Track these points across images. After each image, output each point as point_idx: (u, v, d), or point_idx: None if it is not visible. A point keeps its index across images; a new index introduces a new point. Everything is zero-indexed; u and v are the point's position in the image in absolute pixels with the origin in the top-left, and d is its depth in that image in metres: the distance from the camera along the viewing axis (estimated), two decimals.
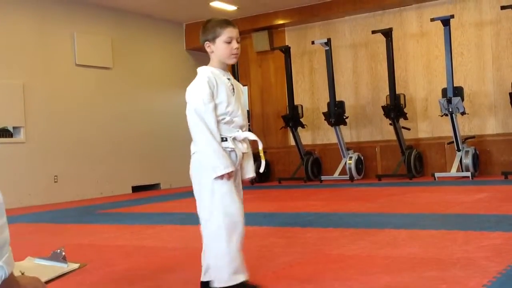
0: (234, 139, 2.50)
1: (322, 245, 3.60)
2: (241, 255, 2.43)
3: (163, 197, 8.57)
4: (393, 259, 3.10)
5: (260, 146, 2.57)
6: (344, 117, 9.83)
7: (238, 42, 2.52)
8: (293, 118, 10.17)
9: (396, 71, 9.56)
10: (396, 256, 3.17)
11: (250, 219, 5.35)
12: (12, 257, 1.49)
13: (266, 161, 2.74)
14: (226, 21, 2.53)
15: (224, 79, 2.55)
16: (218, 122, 2.48)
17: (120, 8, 10.01)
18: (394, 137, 9.59)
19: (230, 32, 2.50)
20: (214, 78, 2.53)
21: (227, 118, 2.50)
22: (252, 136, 2.57)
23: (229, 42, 2.51)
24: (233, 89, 2.57)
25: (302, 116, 10.31)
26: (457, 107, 8.58)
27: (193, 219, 5.64)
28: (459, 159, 8.84)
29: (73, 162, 9.01)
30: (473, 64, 9.49)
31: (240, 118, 2.53)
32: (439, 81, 9.57)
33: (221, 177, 2.40)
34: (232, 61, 2.56)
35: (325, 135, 10.39)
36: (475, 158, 8.94)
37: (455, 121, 8.65)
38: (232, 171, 2.42)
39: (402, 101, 9.45)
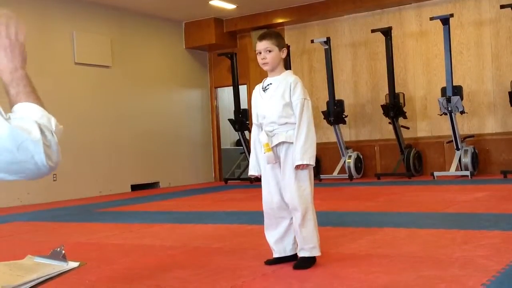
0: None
1: (321, 244, 3.60)
2: (269, 236, 3.10)
3: (162, 196, 8.57)
4: (392, 258, 3.10)
5: (263, 141, 3.03)
6: (343, 116, 9.83)
7: (269, 51, 3.03)
8: None
9: (395, 70, 9.56)
10: (395, 255, 3.17)
11: (249, 217, 5.36)
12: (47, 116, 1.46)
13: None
14: (259, 36, 3.12)
15: (259, 88, 3.14)
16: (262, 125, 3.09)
17: (120, 7, 10.00)
18: (393, 136, 9.59)
19: (257, 46, 3.09)
20: (255, 91, 3.19)
21: (262, 121, 3.09)
22: (261, 135, 3.06)
23: (260, 53, 3.07)
24: (265, 91, 3.10)
25: None
26: (456, 106, 8.58)
27: (191, 217, 5.66)
28: (458, 158, 8.84)
29: (72, 161, 8.99)
30: (473, 63, 9.49)
31: (269, 118, 3.02)
32: (438, 80, 9.57)
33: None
34: (265, 68, 3.09)
35: (324, 134, 10.39)
36: (474, 157, 8.94)
37: (454, 120, 8.65)
38: (254, 174, 3.14)
39: (401, 100, 9.44)
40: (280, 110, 2.99)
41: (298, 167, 2.94)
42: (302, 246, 2.97)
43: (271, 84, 3.09)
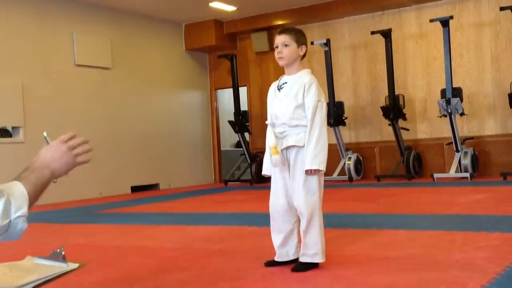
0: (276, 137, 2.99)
1: None
2: (274, 238, 3.05)
3: (162, 197, 8.57)
4: (392, 259, 3.10)
5: (271, 144, 2.98)
6: (343, 117, 9.83)
7: (286, 46, 2.97)
8: None
9: (395, 72, 9.57)
10: (395, 256, 3.17)
11: (249, 219, 5.35)
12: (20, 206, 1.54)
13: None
14: (279, 30, 3.06)
15: (275, 87, 3.08)
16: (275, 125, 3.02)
17: (120, 8, 10.00)
18: (393, 138, 9.59)
19: (276, 40, 3.03)
20: (271, 89, 3.13)
21: (275, 121, 3.01)
22: (270, 136, 3.02)
23: (277, 47, 3.01)
24: (280, 90, 3.04)
25: None
26: (456, 108, 8.59)
27: (191, 219, 5.65)
28: (458, 160, 8.84)
29: None
30: (472, 65, 9.49)
31: (281, 119, 2.96)
32: (438, 82, 9.57)
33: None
34: (280, 63, 3.03)
35: None
36: (474, 159, 8.95)
37: (454, 122, 8.65)
38: (267, 174, 3.06)
39: (401, 102, 9.45)
40: (291, 111, 2.92)
41: (307, 172, 2.89)
42: (304, 251, 2.93)
43: (286, 83, 3.02)
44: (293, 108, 2.92)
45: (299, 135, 2.93)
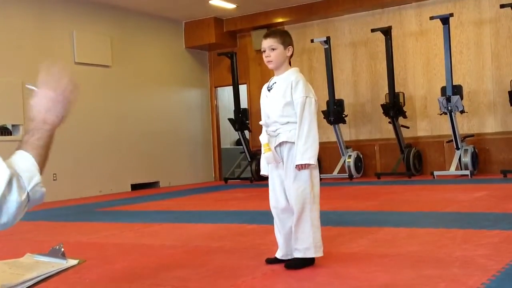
0: (269, 136, 3.04)
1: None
2: (277, 236, 3.06)
3: (162, 195, 8.57)
4: (392, 257, 3.10)
5: (263, 142, 3.03)
6: (343, 115, 9.83)
7: (273, 49, 3.02)
8: None
9: (395, 70, 9.56)
10: (395, 254, 3.17)
11: (249, 217, 5.35)
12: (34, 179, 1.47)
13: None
14: (265, 34, 3.10)
15: (265, 87, 3.13)
16: (268, 125, 3.07)
17: (120, 6, 10.00)
18: (393, 136, 9.59)
19: (262, 44, 3.07)
20: (262, 90, 3.17)
21: (266, 121, 3.06)
22: (263, 135, 3.08)
23: (264, 51, 3.05)
24: (270, 90, 3.08)
25: None
26: (456, 106, 8.58)
27: (191, 217, 5.66)
28: (458, 158, 8.84)
29: (72, 160, 9.00)
30: (472, 62, 9.49)
31: (272, 117, 3.01)
32: (438, 80, 9.57)
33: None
34: (269, 66, 3.07)
35: (324, 133, 10.37)
36: (474, 156, 8.94)
37: (454, 120, 8.65)
38: (265, 173, 3.12)
39: (401, 100, 9.44)
40: (281, 109, 2.97)
41: (298, 167, 2.92)
42: (296, 246, 2.94)
43: (275, 83, 3.08)
44: (282, 105, 2.97)
45: (291, 132, 2.97)
